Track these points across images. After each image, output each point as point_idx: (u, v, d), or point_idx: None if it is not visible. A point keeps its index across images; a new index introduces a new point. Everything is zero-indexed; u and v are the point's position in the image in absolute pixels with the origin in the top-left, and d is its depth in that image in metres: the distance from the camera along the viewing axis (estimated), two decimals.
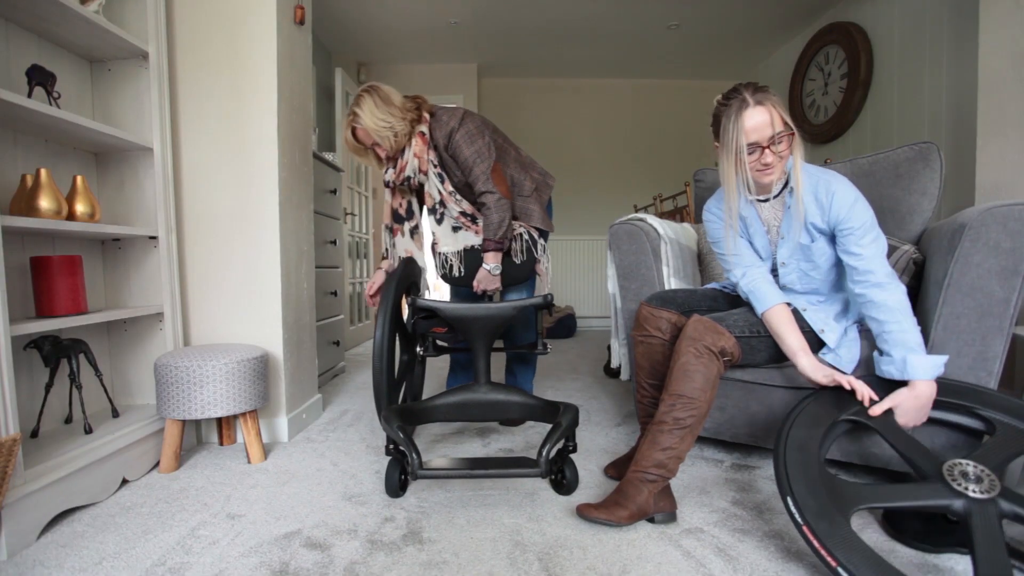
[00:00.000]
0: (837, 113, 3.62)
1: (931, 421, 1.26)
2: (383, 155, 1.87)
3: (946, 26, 2.81)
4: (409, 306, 1.64)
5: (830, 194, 1.31)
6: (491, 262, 1.87)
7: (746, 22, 3.98)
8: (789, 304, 1.42)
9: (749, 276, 1.45)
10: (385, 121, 1.79)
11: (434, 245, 2.01)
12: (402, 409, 1.54)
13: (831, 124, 3.68)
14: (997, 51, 2.02)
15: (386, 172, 1.92)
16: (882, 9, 3.27)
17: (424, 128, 1.85)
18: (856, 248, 1.30)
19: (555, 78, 5.14)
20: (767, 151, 1.28)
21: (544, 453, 1.35)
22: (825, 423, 1.19)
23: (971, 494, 0.99)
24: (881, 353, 1.31)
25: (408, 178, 1.90)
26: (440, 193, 1.91)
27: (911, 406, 1.23)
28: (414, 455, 1.35)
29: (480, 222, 1.89)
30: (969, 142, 2.41)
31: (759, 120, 1.27)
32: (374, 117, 1.78)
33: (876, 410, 1.23)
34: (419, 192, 2.03)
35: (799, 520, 0.98)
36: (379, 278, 2.02)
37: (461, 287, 2.05)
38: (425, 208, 2.01)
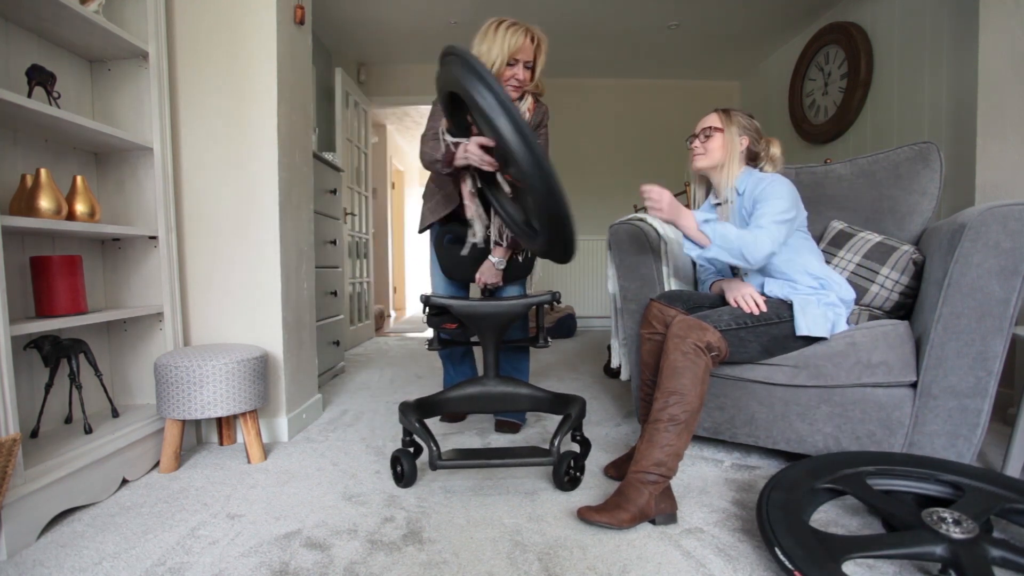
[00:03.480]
0: (837, 113, 3.62)
1: (896, 492, 1.26)
2: (522, 78, 1.79)
3: (946, 26, 2.80)
4: (423, 302, 1.64)
5: (760, 187, 1.55)
6: (498, 255, 1.85)
7: (746, 22, 3.98)
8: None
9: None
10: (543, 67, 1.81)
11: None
12: (417, 403, 1.59)
13: (831, 124, 3.68)
14: (997, 51, 2.02)
15: None
16: (882, 9, 3.27)
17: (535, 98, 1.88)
18: (754, 219, 1.51)
19: (555, 78, 5.14)
20: (696, 139, 1.70)
21: (556, 443, 1.41)
22: (803, 489, 1.20)
23: (954, 535, 1.00)
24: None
25: None
26: None
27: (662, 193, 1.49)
28: (433, 446, 1.41)
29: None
30: (969, 142, 2.41)
31: (703, 120, 1.71)
32: (546, 50, 1.80)
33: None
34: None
35: (789, 567, 0.97)
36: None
37: (455, 280, 2.03)
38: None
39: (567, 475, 1.49)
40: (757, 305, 1.49)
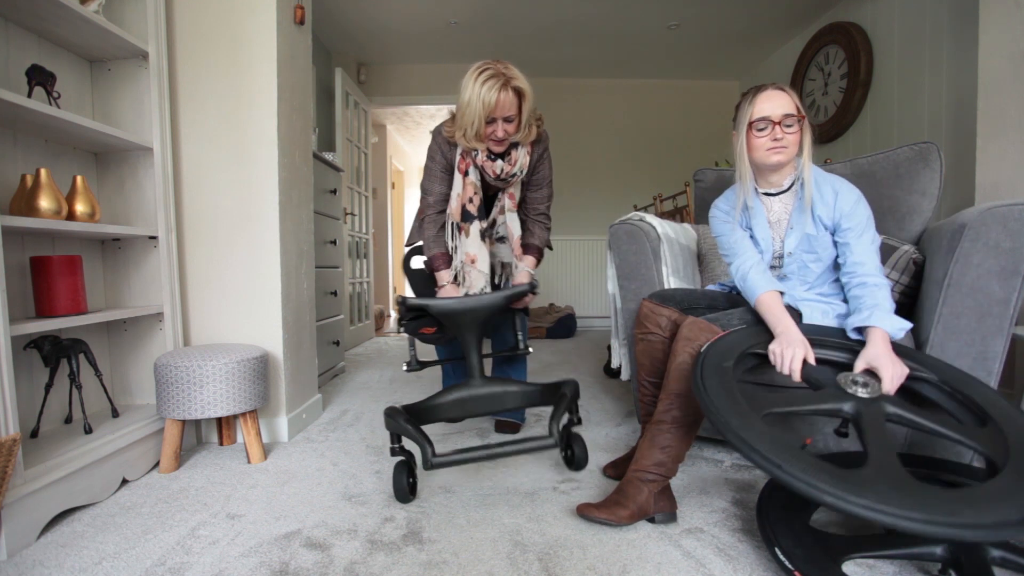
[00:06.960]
0: (837, 113, 3.62)
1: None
2: (502, 136, 1.68)
3: (946, 26, 2.80)
4: (399, 305, 1.56)
5: (835, 192, 1.39)
6: (533, 266, 1.88)
7: (746, 22, 3.98)
8: (782, 294, 1.42)
9: (745, 266, 1.45)
10: (534, 107, 1.70)
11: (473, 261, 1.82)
12: (405, 409, 1.55)
13: (831, 124, 3.68)
14: (997, 51, 2.02)
15: (494, 160, 1.76)
16: (882, 9, 3.27)
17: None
18: (852, 242, 1.36)
19: (555, 78, 5.14)
20: (777, 127, 1.35)
21: (554, 425, 1.37)
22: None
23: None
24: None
25: (513, 175, 1.79)
26: (515, 201, 1.86)
27: (882, 358, 1.18)
28: (427, 445, 1.32)
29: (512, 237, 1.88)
30: (969, 142, 2.41)
31: (775, 99, 1.38)
32: (532, 96, 1.67)
33: (860, 365, 1.20)
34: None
35: (789, 567, 0.99)
36: (450, 292, 1.80)
37: None
38: (506, 208, 1.85)
39: (568, 460, 1.48)
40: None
